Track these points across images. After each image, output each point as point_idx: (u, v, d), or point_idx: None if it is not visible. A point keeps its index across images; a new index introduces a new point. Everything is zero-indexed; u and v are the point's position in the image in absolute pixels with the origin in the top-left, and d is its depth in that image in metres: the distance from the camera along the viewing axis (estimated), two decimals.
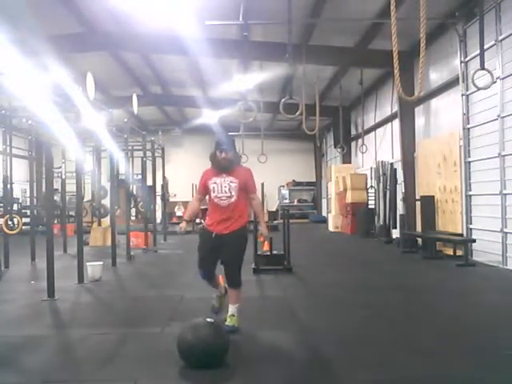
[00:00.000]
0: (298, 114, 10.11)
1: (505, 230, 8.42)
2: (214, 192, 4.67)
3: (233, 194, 4.63)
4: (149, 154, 13.58)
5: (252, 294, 6.40)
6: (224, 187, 4.64)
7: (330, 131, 21.82)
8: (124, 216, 11.67)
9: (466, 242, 9.45)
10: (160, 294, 6.70)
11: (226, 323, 4.57)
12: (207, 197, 4.83)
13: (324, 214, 24.22)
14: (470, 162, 9.70)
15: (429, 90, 11.67)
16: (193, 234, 17.04)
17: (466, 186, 9.77)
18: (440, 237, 10.53)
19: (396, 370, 3.72)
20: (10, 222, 9.35)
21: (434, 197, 11.22)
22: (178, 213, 23.06)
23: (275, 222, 20.57)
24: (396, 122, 13.77)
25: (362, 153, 16.78)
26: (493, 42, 8.65)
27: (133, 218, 15.44)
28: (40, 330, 4.99)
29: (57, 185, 12.66)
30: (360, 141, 17.17)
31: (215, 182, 4.67)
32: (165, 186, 16.23)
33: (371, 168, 16.30)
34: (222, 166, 4.67)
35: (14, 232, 9.38)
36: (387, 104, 15.09)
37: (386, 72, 14.31)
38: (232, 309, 4.68)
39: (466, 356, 4.01)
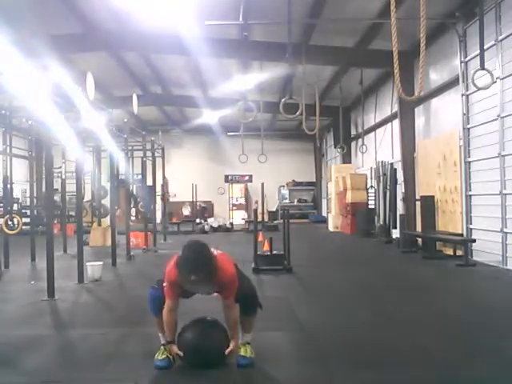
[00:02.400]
0: (298, 113, 10.11)
1: (505, 229, 8.42)
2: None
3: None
4: (149, 154, 13.58)
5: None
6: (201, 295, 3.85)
7: (330, 131, 21.84)
8: (124, 216, 11.67)
9: (465, 241, 9.45)
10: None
11: (241, 354, 3.77)
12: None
13: (324, 213, 24.23)
14: (469, 162, 9.69)
15: (429, 90, 11.67)
16: (193, 234, 17.11)
17: (465, 186, 9.77)
18: (440, 237, 10.53)
19: (396, 370, 3.72)
20: (10, 222, 9.34)
21: (433, 197, 11.21)
22: (185, 212, 23.24)
23: (275, 221, 20.60)
24: (396, 122, 13.77)
25: (362, 153, 16.78)
26: (493, 42, 8.64)
27: (133, 218, 15.44)
28: (40, 330, 4.98)
29: (57, 185, 12.64)
30: (360, 141, 17.18)
31: (187, 297, 3.84)
32: (165, 186, 16.22)
33: (371, 168, 16.30)
34: (195, 285, 3.51)
35: (13, 232, 9.37)
36: (387, 104, 15.09)
37: (385, 72, 14.31)
38: (247, 337, 3.89)
39: (466, 356, 4.01)
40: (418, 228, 11.67)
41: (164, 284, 3.66)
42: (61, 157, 13.27)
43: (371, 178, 16.33)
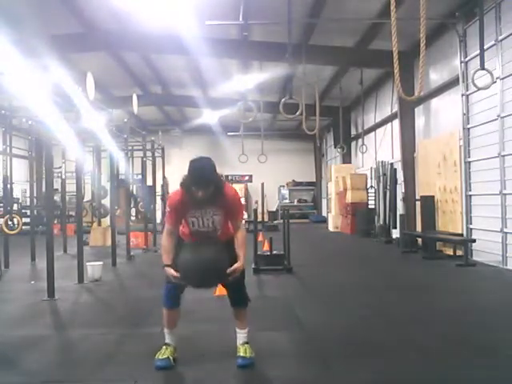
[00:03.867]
0: (298, 113, 10.12)
1: (505, 229, 8.42)
2: (193, 226, 3.73)
3: (217, 227, 3.74)
4: (149, 154, 13.58)
5: (252, 294, 6.37)
6: (206, 220, 3.70)
7: (330, 131, 21.84)
8: (124, 216, 11.67)
9: (465, 241, 9.45)
10: (160, 294, 6.67)
11: (240, 354, 3.76)
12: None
13: (324, 213, 24.23)
14: (469, 162, 9.69)
15: (429, 89, 11.67)
16: None
17: (465, 186, 9.77)
18: (440, 237, 10.53)
19: (396, 370, 3.72)
20: (10, 222, 9.34)
21: (434, 197, 11.21)
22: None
23: (275, 221, 20.60)
24: (396, 122, 13.77)
25: (362, 153, 16.78)
26: (493, 42, 8.64)
27: (133, 218, 15.43)
28: (40, 330, 4.98)
29: (57, 185, 12.64)
30: (360, 141, 17.18)
31: (194, 216, 3.69)
32: (165, 186, 16.22)
33: (371, 168, 16.30)
34: (201, 200, 3.59)
35: (13, 232, 9.38)
36: (387, 104, 15.09)
37: (385, 72, 14.31)
38: (243, 335, 3.85)
39: (466, 356, 4.01)
40: (418, 228, 11.67)
41: (167, 210, 3.75)
42: (61, 157, 13.26)
43: (371, 178, 16.33)
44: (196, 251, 3.55)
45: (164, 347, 3.80)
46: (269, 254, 8.79)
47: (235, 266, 3.56)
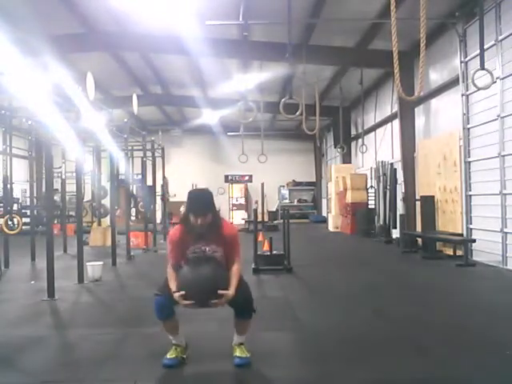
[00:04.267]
0: (298, 113, 10.11)
1: (505, 230, 8.42)
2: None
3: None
4: (149, 154, 13.58)
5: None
6: (206, 259, 3.67)
7: (330, 131, 21.84)
8: (124, 216, 11.67)
9: (465, 241, 9.45)
10: None
11: (237, 354, 3.77)
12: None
13: (324, 213, 24.22)
14: (469, 162, 9.69)
15: (429, 90, 11.67)
16: None
17: (466, 186, 9.77)
18: (440, 237, 10.52)
19: (396, 370, 3.72)
20: (10, 222, 9.34)
21: (434, 197, 11.21)
22: None
23: (275, 221, 20.59)
24: (396, 122, 13.77)
25: (362, 153, 16.78)
26: (493, 42, 8.64)
27: (133, 218, 15.44)
28: (40, 330, 4.98)
29: (57, 185, 12.65)
30: (360, 141, 17.17)
31: (195, 252, 3.67)
32: (165, 186, 16.22)
33: (371, 168, 16.31)
34: (200, 234, 3.64)
35: (13, 232, 9.38)
36: (387, 104, 15.09)
37: (385, 72, 14.32)
38: (241, 338, 3.85)
39: (466, 356, 4.01)
40: (418, 228, 11.67)
41: (168, 247, 3.77)
42: (61, 157, 13.27)
43: (371, 178, 16.33)
44: (196, 269, 3.53)
45: (173, 347, 3.81)
46: (269, 253, 8.80)
47: (225, 292, 3.49)
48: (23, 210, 14.67)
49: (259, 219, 15.56)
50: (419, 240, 11.40)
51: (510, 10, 8.27)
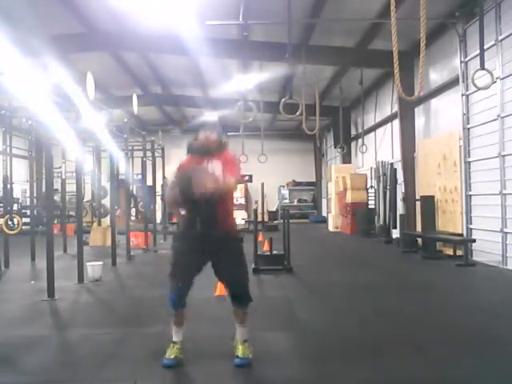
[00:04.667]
0: (298, 113, 10.11)
1: (505, 230, 8.42)
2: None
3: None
4: (149, 154, 13.58)
5: (252, 294, 6.40)
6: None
7: (330, 131, 21.83)
8: (124, 216, 11.67)
9: (465, 241, 9.45)
10: (160, 294, 6.66)
11: (239, 354, 3.74)
12: None
13: (324, 213, 24.22)
14: (469, 162, 9.69)
15: (429, 90, 11.66)
16: None
17: (466, 186, 9.77)
18: (440, 237, 10.52)
19: (396, 370, 3.72)
20: (9, 222, 9.35)
21: (434, 197, 11.21)
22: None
23: (275, 221, 20.59)
24: (396, 122, 13.77)
25: (362, 153, 16.78)
26: (493, 42, 8.64)
27: (133, 218, 15.45)
28: (40, 330, 4.99)
29: (57, 185, 12.65)
30: (360, 141, 17.17)
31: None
32: (165, 186, 16.22)
33: (371, 168, 16.30)
34: (205, 148, 3.85)
35: (13, 232, 9.38)
36: (387, 104, 15.08)
37: (385, 72, 14.30)
38: (243, 331, 3.83)
39: (466, 356, 4.01)
40: (418, 228, 11.66)
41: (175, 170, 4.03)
42: (61, 157, 13.27)
43: (371, 178, 16.33)
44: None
45: (171, 346, 3.82)
46: (269, 253, 8.79)
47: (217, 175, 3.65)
48: (23, 210, 14.70)
49: (259, 219, 15.58)
50: (419, 240, 11.40)
51: (510, 10, 8.28)
